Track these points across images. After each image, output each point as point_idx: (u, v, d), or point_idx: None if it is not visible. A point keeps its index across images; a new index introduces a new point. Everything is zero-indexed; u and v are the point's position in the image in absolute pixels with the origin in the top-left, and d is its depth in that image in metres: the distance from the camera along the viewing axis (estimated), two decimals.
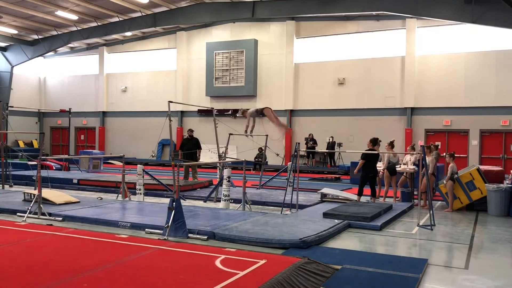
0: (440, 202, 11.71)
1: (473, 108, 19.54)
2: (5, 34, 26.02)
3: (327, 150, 21.28)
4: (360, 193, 10.91)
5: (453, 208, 10.61)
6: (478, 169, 10.75)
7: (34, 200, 8.96)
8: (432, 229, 8.33)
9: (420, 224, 8.70)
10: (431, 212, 8.66)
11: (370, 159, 10.84)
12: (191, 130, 15.48)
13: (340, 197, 11.20)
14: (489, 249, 7.25)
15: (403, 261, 6.17)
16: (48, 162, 17.94)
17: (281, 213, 9.51)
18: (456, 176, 10.66)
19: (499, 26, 17.30)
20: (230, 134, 14.13)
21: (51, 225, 8.13)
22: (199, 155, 14.90)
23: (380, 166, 11.80)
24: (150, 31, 25.87)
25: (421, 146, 9.35)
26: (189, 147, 14.67)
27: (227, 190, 10.09)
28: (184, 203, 9.10)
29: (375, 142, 11.13)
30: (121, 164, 11.89)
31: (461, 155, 19.07)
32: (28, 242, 6.78)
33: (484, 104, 19.32)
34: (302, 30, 23.00)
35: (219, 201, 10.64)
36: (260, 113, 11.22)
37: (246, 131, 11.53)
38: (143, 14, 23.07)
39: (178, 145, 20.03)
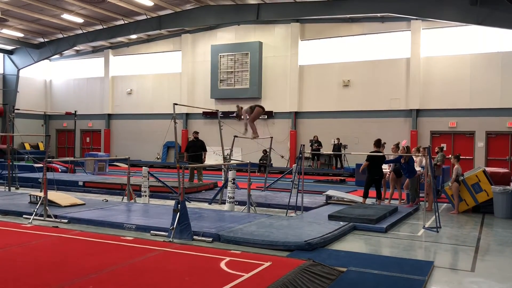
0: (446, 204, 11.65)
1: (479, 110, 19.44)
2: (12, 37, 26.20)
3: (332, 152, 21.23)
4: (365, 195, 10.88)
5: (459, 210, 10.55)
6: (484, 171, 10.69)
7: (40, 202, 9.01)
8: (438, 231, 8.29)
9: (426, 226, 8.66)
10: (436, 214, 8.62)
11: (375, 161, 10.79)
12: (196, 132, 15.50)
13: (345, 199, 11.18)
14: (495, 252, 7.21)
15: (409, 263, 6.14)
16: (54, 165, 18.02)
17: (286, 215, 9.50)
18: (462, 178, 10.60)
19: (504, 28, 17.21)
20: (235, 136, 14.14)
21: (57, 227, 8.16)
22: (204, 157, 14.91)
23: (385, 168, 11.74)
24: (155, 33, 25.96)
25: (426, 148, 9.30)
26: (194, 149, 14.68)
27: (232, 192, 10.10)
28: (189, 205, 9.10)
29: (378, 143, 11.08)
30: (126, 166, 11.93)
31: (467, 157, 18.97)
32: (34, 244, 6.81)
33: (490, 105, 19.22)
34: (306, 32, 23.00)
35: (224, 203, 10.65)
36: (253, 109, 11.42)
37: (245, 133, 11.65)
38: (148, 17, 23.15)
39: (183, 147, 20.08)
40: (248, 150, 20.66)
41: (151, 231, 7.70)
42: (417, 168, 11.48)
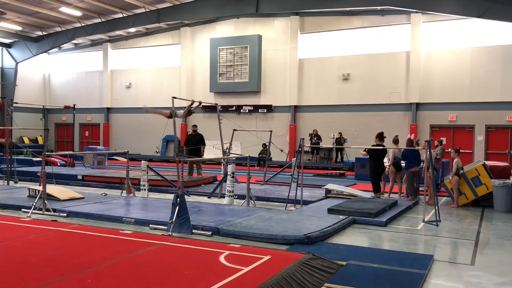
0: (445, 198, 11.64)
1: (479, 104, 19.40)
2: (10, 30, 26.07)
3: (332, 146, 21.20)
4: (377, 190, 10.80)
5: (458, 204, 10.54)
6: (484, 165, 10.67)
7: (38, 196, 8.99)
8: (437, 225, 8.28)
9: (426, 220, 8.65)
10: (436, 208, 8.61)
11: (378, 155, 10.73)
12: (195, 126, 15.47)
13: (344, 193, 11.16)
14: (495, 245, 7.20)
15: (409, 257, 6.13)
16: (52, 158, 17.98)
17: (285, 209, 9.49)
18: (461, 171, 10.59)
19: (505, 21, 17.13)
20: (234, 130, 14.14)
21: (56, 221, 8.15)
22: (203, 151, 14.87)
23: (385, 162, 11.71)
24: (154, 27, 25.84)
25: (426, 141, 9.28)
26: (193, 143, 14.65)
27: (231, 186, 10.08)
28: (188, 199, 9.08)
29: (381, 137, 11.00)
30: (125, 160, 11.90)
31: (466, 151, 18.95)
32: (32, 237, 6.79)
33: (490, 99, 19.18)
34: (306, 26, 22.90)
35: (223, 197, 10.64)
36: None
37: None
38: (147, 10, 23.02)
39: (182, 141, 20.04)
40: (247, 144, 20.65)
41: (150, 225, 7.68)
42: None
